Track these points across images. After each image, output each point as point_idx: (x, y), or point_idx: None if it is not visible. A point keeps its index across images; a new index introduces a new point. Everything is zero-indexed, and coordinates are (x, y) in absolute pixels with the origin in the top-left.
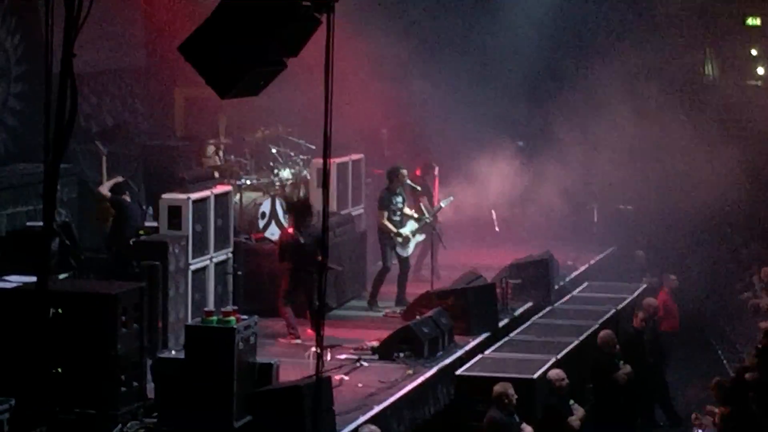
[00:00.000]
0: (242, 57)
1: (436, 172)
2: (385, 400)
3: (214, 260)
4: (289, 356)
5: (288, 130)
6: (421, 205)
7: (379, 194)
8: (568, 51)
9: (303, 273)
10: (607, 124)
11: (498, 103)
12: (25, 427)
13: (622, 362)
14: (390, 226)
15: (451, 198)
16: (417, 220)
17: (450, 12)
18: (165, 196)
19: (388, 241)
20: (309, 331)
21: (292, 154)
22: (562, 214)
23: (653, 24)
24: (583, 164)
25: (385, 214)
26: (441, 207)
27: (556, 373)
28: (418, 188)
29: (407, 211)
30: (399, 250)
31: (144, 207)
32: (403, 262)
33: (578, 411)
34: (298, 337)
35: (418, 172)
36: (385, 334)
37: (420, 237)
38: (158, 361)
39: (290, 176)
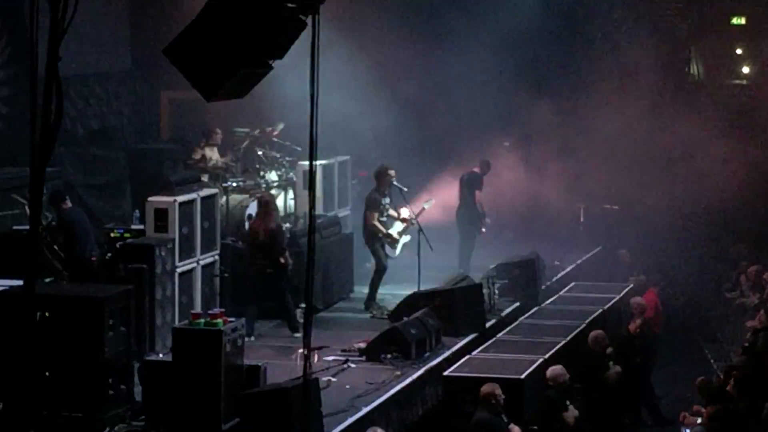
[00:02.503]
0: (228, 60)
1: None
2: (372, 401)
3: (201, 263)
4: (276, 358)
5: (274, 131)
6: (406, 207)
7: (368, 195)
8: (555, 49)
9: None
10: (593, 124)
11: (486, 101)
12: (13, 430)
13: (611, 362)
14: (380, 226)
15: (432, 200)
16: (403, 221)
17: (443, 12)
18: (151, 198)
19: (378, 241)
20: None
21: (278, 156)
22: (550, 213)
23: (638, 23)
24: (571, 164)
25: (375, 214)
26: (423, 209)
27: (559, 369)
28: (405, 189)
29: (392, 212)
30: (387, 250)
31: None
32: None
33: (573, 411)
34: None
35: (477, 169)
36: (372, 335)
37: (406, 238)
38: (145, 363)
39: (276, 178)
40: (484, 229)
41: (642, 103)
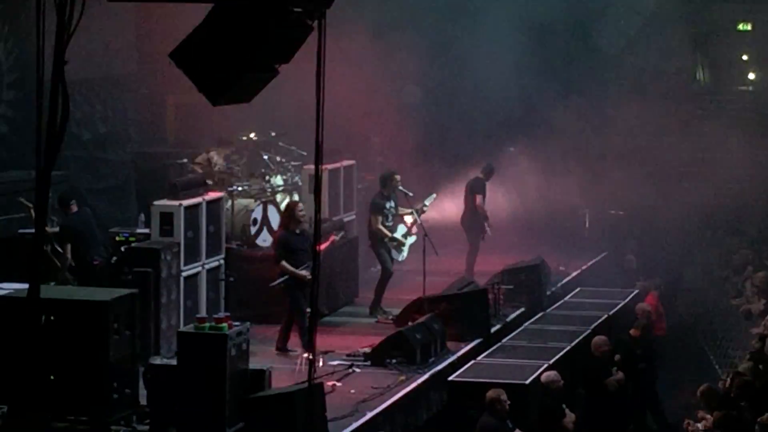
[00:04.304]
0: (233, 64)
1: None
2: (377, 406)
3: (206, 267)
4: (281, 362)
5: (280, 135)
6: (409, 210)
7: (373, 199)
8: (562, 56)
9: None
10: (598, 129)
11: (493, 107)
12: None
13: (615, 368)
14: (385, 230)
15: (434, 195)
16: (408, 214)
17: (442, 16)
18: (157, 202)
19: (383, 245)
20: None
21: (284, 160)
22: (556, 218)
23: (644, 29)
24: (575, 169)
25: (380, 218)
26: (426, 205)
27: (553, 374)
28: (410, 194)
29: (402, 210)
30: (393, 254)
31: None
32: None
33: (570, 416)
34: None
35: (480, 174)
36: (377, 340)
37: (412, 239)
38: (150, 367)
39: (282, 183)
40: (488, 233)
41: (647, 109)
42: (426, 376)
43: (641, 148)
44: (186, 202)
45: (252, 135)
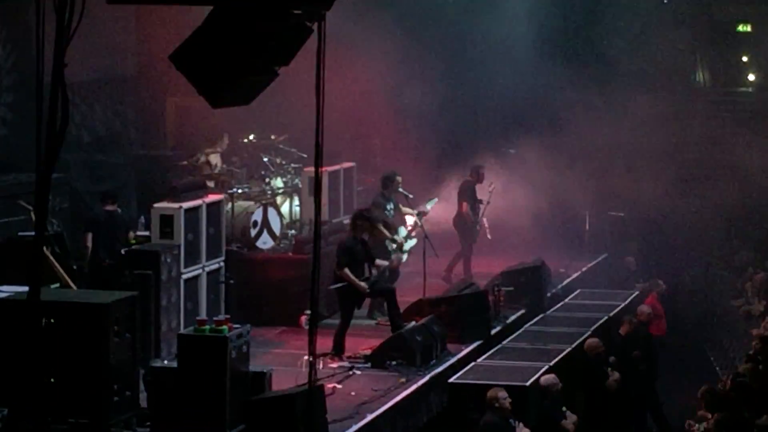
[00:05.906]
0: (234, 66)
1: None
2: (378, 408)
3: (207, 269)
4: (282, 365)
5: (279, 138)
6: (410, 212)
7: (373, 200)
8: (559, 55)
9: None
10: (598, 130)
11: (492, 110)
12: None
13: (610, 369)
14: (385, 231)
15: (435, 199)
16: (411, 215)
17: (441, 18)
18: (157, 205)
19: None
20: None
21: (284, 162)
22: (554, 221)
23: (644, 30)
24: (574, 171)
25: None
26: (427, 209)
27: (551, 377)
28: (411, 195)
29: (405, 209)
30: (393, 256)
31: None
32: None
33: (571, 417)
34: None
35: (470, 177)
36: (377, 342)
37: (412, 242)
38: (151, 370)
39: (282, 185)
40: (483, 233)
41: (647, 108)
42: (426, 378)
43: (642, 151)
44: (186, 205)
45: (252, 137)
